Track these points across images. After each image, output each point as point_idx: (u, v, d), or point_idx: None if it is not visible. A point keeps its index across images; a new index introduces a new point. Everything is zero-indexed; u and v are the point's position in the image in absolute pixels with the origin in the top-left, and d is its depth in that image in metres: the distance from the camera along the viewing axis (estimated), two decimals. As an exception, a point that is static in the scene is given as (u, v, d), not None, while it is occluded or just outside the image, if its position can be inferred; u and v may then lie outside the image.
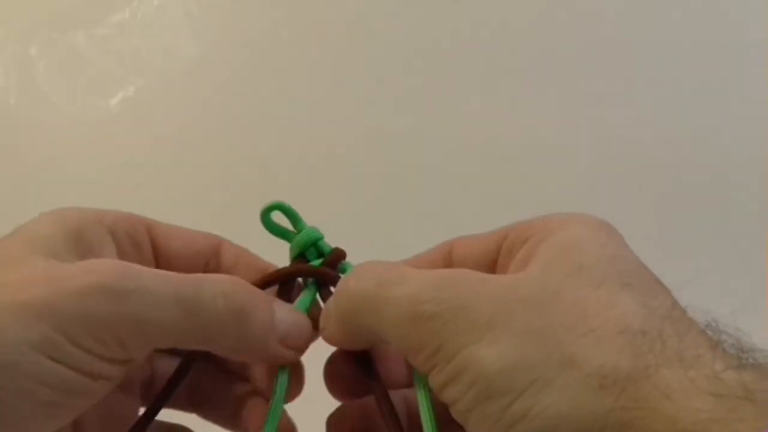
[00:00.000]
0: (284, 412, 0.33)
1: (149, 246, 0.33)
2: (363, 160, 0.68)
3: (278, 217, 0.33)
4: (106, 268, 0.28)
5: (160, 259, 0.33)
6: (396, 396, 0.32)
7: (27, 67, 0.72)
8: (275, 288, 0.33)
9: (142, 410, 0.34)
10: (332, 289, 0.32)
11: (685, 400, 0.22)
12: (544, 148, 0.69)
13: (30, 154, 0.71)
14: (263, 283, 0.32)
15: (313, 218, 0.33)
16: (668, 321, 0.25)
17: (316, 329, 0.32)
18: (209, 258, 0.34)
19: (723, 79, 0.71)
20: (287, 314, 0.31)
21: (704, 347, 0.24)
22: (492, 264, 0.31)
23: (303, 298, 0.33)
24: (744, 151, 0.69)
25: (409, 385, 0.33)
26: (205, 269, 0.34)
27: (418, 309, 0.26)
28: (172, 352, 0.34)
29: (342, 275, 0.33)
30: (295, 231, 0.33)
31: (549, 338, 0.24)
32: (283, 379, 0.31)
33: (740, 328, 0.25)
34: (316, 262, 0.33)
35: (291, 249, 0.33)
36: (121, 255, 0.32)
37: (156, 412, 0.33)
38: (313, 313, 0.32)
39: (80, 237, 0.30)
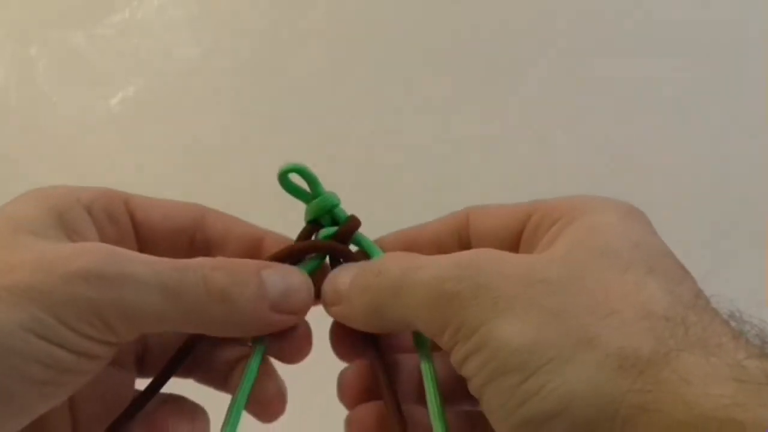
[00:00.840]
0: (276, 374, 0.32)
1: (128, 221, 0.33)
2: (364, 159, 0.68)
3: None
4: (93, 252, 0.28)
5: (140, 234, 0.33)
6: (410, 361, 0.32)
7: (27, 67, 0.72)
8: None
9: (137, 381, 0.34)
10: (342, 261, 0.32)
11: (706, 386, 0.22)
12: (544, 144, 0.69)
13: (30, 154, 0.71)
14: (274, 261, 0.32)
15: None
16: (692, 309, 0.25)
17: (318, 296, 0.31)
18: (194, 231, 0.34)
19: (723, 79, 0.71)
20: (280, 279, 0.30)
21: (727, 336, 0.24)
22: (515, 241, 0.31)
23: (309, 263, 0.32)
24: (745, 152, 0.69)
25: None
26: (192, 244, 0.34)
27: (441, 288, 0.26)
28: None
29: (354, 247, 0.33)
30: (312, 195, 0.33)
31: (570, 319, 0.24)
32: (258, 351, 0.31)
33: (765, 320, 0.25)
34: (330, 230, 0.33)
35: (306, 212, 0.33)
36: (101, 233, 0.32)
37: (157, 389, 0.33)
38: (317, 278, 0.32)
39: (61, 216, 0.30)
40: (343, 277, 0.31)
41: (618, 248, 0.26)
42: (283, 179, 0.32)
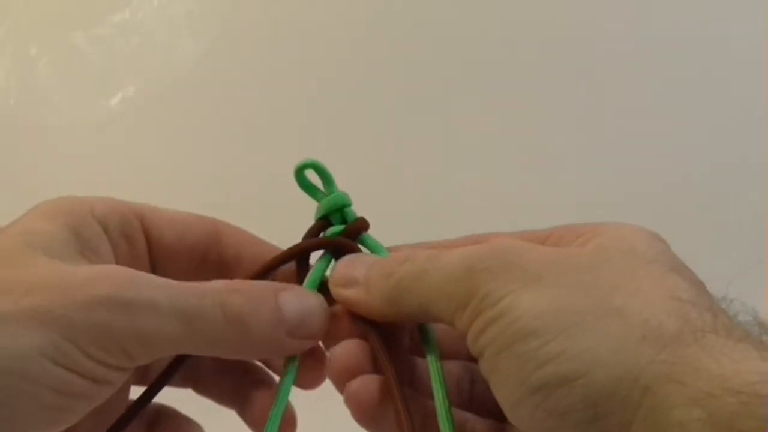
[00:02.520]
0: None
1: (143, 239, 0.33)
2: (364, 159, 0.68)
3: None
4: (112, 277, 0.28)
5: (153, 252, 0.33)
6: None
7: (27, 67, 0.71)
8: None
9: (133, 388, 0.34)
10: None
11: (734, 362, 0.22)
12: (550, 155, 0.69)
13: (30, 154, 0.71)
14: (280, 261, 0.32)
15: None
16: (716, 303, 0.25)
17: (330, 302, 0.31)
18: (209, 247, 0.33)
19: (723, 78, 0.71)
20: (297, 304, 0.30)
21: (753, 328, 0.24)
22: None
23: (316, 271, 0.32)
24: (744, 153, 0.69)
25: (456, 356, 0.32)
26: (205, 260, 0.33)
27: (469, 264, 0.27)
28: None
29: (362, 247, 0.33)
30: (325, 192, 0.33)
31: (596, 291, 0.25)
32: (291, 369, 0.31)
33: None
34: (338, 228, 0.33)
35: (317, 209, 0.33)
36: (115, 250, 0.31)
37: (150, 399, 0.32)
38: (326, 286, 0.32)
39: (77, 232, 0.30)
40: (359, 263, 0.31)
41: (643, 251, 0.27)
42: (299, 175, 0.32)
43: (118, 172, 0.69)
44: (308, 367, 0.32)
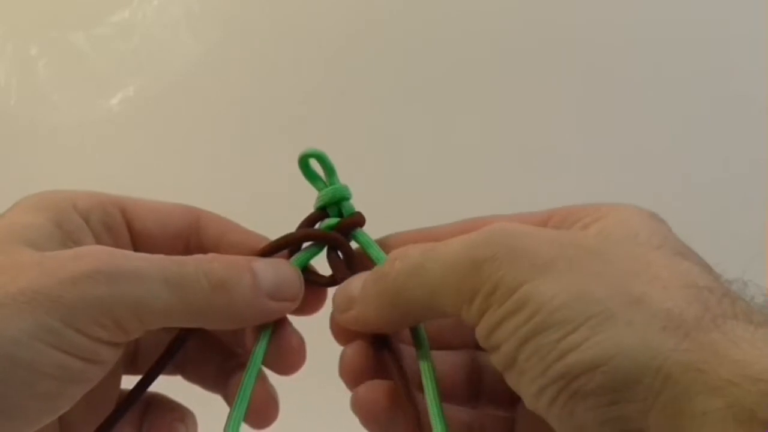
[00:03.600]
0: (266, 380, 0.33)
1: (125, 230, 0.33)
2: (365, 159, 0.68)
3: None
4: (94, 253, 0.28)
5: (137, 242, 0.33)
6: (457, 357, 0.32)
7: (27, 67, 0.71)
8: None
9: (125, 378, 0.34)
10: (340, 253, 0.33)
11: (755, 349, 0.22)
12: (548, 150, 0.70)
13: (30, 154, 0.70)
14: (272, 249, 0.33)
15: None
16: (731, 289, 0.25)
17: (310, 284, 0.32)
18: (189, 235, 0.34)
19: (722, 78, 0.71)
20: (270, 270, 0.31)
21: None
22: None
23: (303, 254, 0.33)
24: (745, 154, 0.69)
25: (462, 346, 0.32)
26: (187, 248, 0.34)
27: (471, 254, 0.26)
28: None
29: (354, 242, 0.33)
30: (327, 183, 0.33)
31: (613, 279, 0.24)
32: (263, 342, 0.32)
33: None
34: (332, 221, 0.33)
35: (317, 199, 0.33)
36: (98, 241, 0.32)
37: (146, 387, 0.33)
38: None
39: (60, 226, 0.30)
40: (354, 282, 0.31)
41: (648, 236, 0.26)
42: (304, 163, 0.33)
43: (117, 172, 0.69)
44: (289, 350, 0.32)
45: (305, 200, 0.34)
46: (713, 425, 0.21)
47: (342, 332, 0.32)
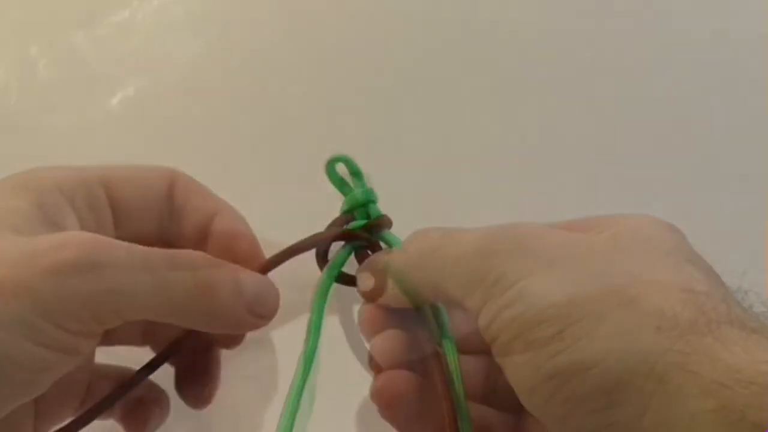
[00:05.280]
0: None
1: (108, 207, 0.33)
2: (366, 158, 0.68)
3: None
4: (78, 242, 0.28)
5: (116, 214, 0.34)
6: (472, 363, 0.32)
7: (27, 67, 0.71)
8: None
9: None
10: (369, 252, 0.33)
11: (749, 353, 0.22)
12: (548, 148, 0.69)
13: (30, 154, 0.70)
14: (300, 249, 0.33)
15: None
16: (731, 295, 0.25)
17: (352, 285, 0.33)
18: (166, 198, 0.34)
19: (722, 77, 0.71)
20: (253, 282, 0.31)
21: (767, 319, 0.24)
22: None
23: (338, 258, 0.33)
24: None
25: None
26: (161, 216, 0.34)
27: (482, 244, 0.27)
28: None
29: (381, 243, 0.34)
30: (353, 187, 0.34)
31: (611, 279, 0.24)
32: (307, 366, 0.32)
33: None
34: (359, 223, 0.34)
35: (344, 202, 0.34)
36: (81, 224, 0.32)
37: (136, 384, 0.33)
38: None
39: (43, 208, 0.30)
40: (379, 255, 0.32)
41: (660, 242, 0.27)
42: (330, 168, 0.34)
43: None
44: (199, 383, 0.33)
45: (306, 200, 0.34)
46: (704, 427, 0.21)
47: (370, 323, 0.33)
